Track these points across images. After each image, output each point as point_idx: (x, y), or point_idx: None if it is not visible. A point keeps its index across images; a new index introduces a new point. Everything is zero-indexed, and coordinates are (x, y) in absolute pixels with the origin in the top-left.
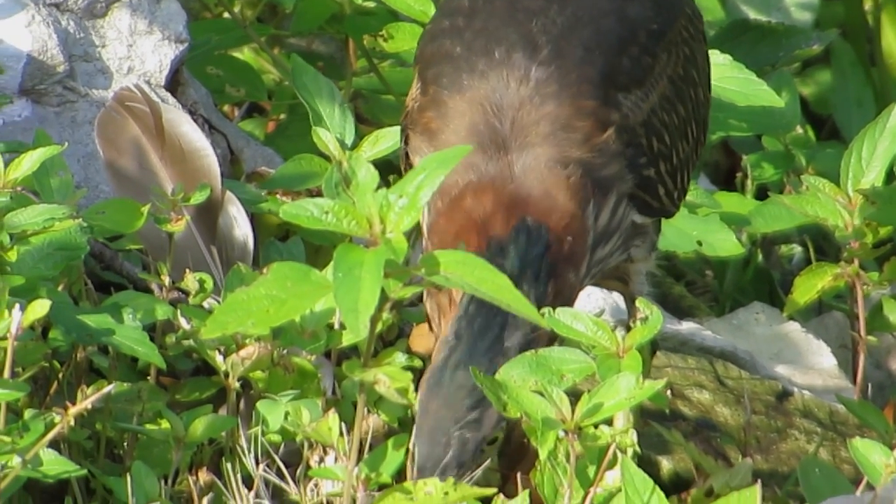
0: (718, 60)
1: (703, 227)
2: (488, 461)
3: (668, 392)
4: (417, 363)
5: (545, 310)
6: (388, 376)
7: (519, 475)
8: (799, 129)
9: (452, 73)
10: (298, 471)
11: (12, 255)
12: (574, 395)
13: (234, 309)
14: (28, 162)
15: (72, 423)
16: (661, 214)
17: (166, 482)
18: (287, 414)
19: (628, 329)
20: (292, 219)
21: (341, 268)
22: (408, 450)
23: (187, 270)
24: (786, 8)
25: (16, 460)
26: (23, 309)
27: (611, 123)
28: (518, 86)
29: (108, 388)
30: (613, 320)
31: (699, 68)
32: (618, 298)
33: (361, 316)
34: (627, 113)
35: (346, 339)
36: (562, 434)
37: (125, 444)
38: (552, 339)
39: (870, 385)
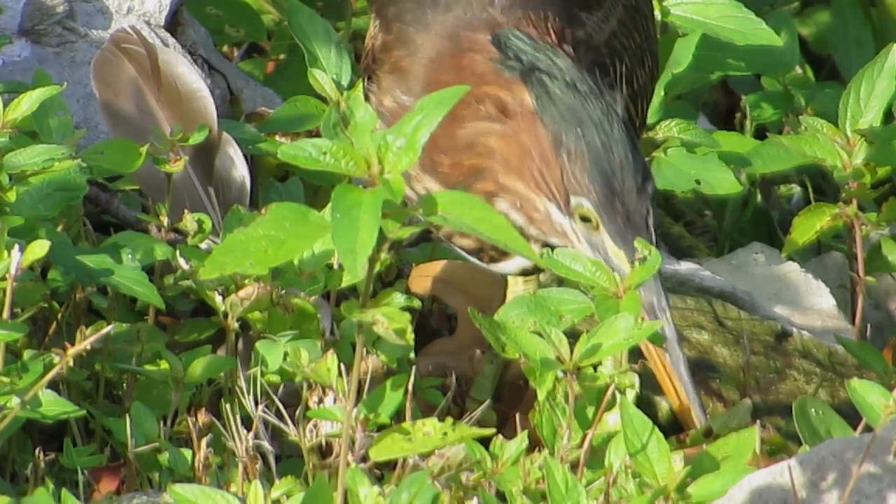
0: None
1: (701, 167)
2: (487, 402)
3: None
4: (416, 304)
5: (544, 250)
6: (387, 317)
7: (517, 416)
8: (798, 70)
9: (416, 9)
10: (297, 411)
11: (11, 196)
12: (573, 336)
13: (233, 249)
14: (27, 102)
15: (71, 363)
16: None
17: (165, 423)
18: (286, 354)
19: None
20: (290, 159)
21: (339, 208)
22: (406, 390)
23: (185, 211)
24: None
25: (15, 401)
26: (22, 249)
27: (577, 41)
28: (482, 14)
29: (107, 329)
30: None
31: (647, 4)
32: None
33: (359, 257)
34: (591, 32)
35: (345, 280)
36: (560, 375)
37: (124, 384)
38: None
39: (868, 326)
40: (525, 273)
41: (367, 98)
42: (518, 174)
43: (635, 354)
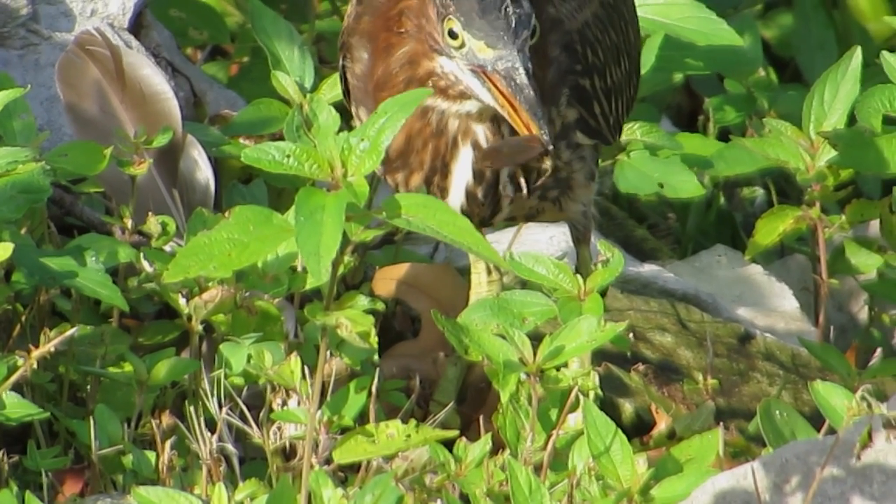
0: (679, 0)
1: (664, 169)
2: (451, 405)
3: (630, 335)
4: (380, 306)
5: (506, 253)
6: (350, 320)
7: (481, 418)
8: (761, 72)
9: None
10: (261, 414)
11: None
12: (536, 339)
13: (196, 252)
14: None
15: (35, 366)
16: (598, 137)
17: (129, 425)
18: (250, 357)
19: (577, 270)
20: (254, 162)
21: (303, 211)
22: (370, 393)
23: (150, 214)
24: None
25: None
26: None
27: (548, 18)
28: None
29: (72, 331)
30: (574, 264)
31: (628, 8)
32: None
33: (323, 259)
34: (563, 18)
35: (309, 283)
36: (524, 377)
37: (88, 387)
38: None
39: (832, 328)
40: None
41: (343, 76)
42: (423, 55)
43: (599, 357)
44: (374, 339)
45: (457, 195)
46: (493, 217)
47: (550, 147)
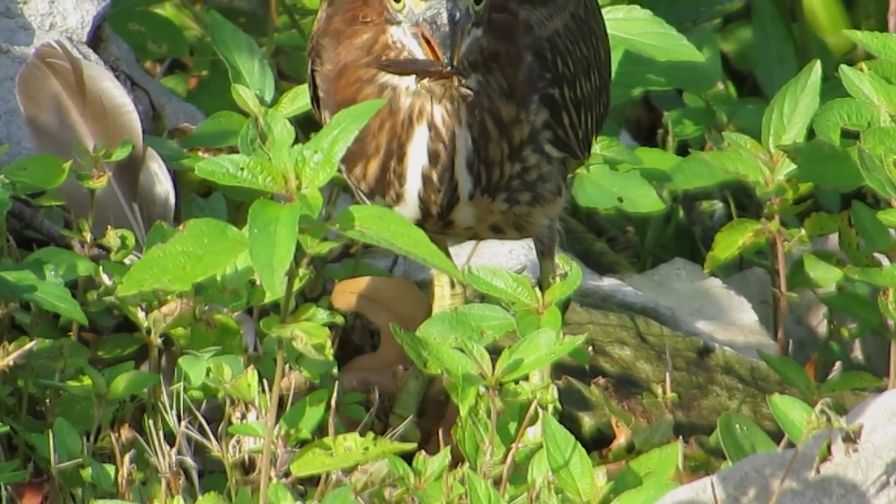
0: (639, 15)
1: (623, 184)
2: (410, 418)
3: (590, 348)
4: (339, 320)
5: (465, 266)
6: (306, 332)
7: (440, 432)
8: (720, 86)
9: None
10: (220, 427)
11: None
12: (495, 352)
13: (151, 266)
14: None
15: None
16: (567, 150)
17: (88, 439)
18: (209, 370)
19: (539, 284)
20: (208, 175)
21: (257, 224)
22: (328, 406)
23: (109, 227)
24: None
25: None
26: None
27: (519, 21)
28: None
29: (31, 345)
30: (534, 277)
31: (599, 26)
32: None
33: (277, 272)
34: (533, 25)
35: (268, 296)
36: (482, 390)
37: (47, 400)
38: None
39: (791, 341)
40: None
41: (312, 82)
42: (381, 33)
43: (558, 370)
44: (329, 352)
45: (413, 180)
46: (451, 212)
47: (448, 69)
